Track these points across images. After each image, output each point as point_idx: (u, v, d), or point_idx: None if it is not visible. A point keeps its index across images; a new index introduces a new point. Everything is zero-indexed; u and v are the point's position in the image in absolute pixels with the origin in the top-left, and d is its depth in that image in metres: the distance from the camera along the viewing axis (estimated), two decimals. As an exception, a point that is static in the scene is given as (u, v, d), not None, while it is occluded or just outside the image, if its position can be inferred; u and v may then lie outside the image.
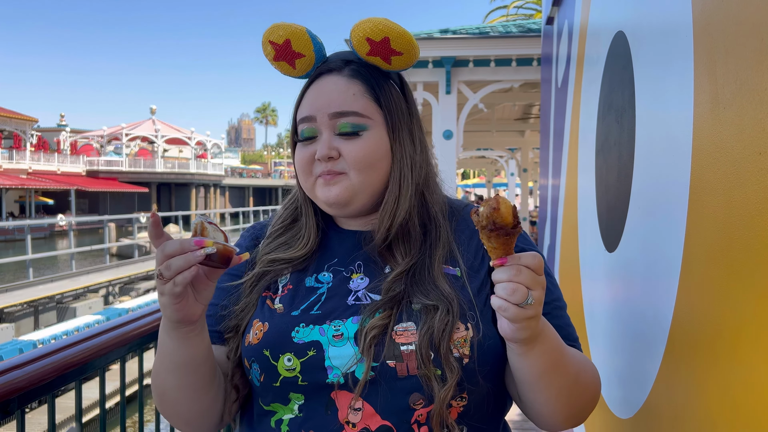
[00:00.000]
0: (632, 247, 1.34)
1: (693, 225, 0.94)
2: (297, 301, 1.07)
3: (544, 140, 3.75)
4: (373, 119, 1.10)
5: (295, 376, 1.00)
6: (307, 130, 1.11)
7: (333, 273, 1.11)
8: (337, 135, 1.09)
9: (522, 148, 15.30)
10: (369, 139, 1.09)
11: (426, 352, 0.95)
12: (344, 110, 1.08)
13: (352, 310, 1.03)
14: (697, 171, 0.92)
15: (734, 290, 0.78)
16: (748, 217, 0.73)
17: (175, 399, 1.08)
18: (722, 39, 0.83)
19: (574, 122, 2.37)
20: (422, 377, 0.95)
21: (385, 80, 1.14)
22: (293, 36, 1.12)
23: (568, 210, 2.53)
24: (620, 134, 1.47)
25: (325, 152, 1.07)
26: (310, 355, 1.00)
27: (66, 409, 5.84)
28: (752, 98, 0.73)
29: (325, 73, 1.13)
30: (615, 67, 1.56)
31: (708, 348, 0.88)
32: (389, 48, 1.10)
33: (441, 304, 0.99)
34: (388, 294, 1.02)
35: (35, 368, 1.57)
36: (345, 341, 1.00)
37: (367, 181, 1.09)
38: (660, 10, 1.15)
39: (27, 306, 13.81)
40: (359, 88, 1.11)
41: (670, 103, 1.07)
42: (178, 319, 0.96)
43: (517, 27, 7.93)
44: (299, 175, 1.14)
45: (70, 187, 39.56)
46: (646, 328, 1.18)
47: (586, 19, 2.15)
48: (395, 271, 1.05)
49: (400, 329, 0.98)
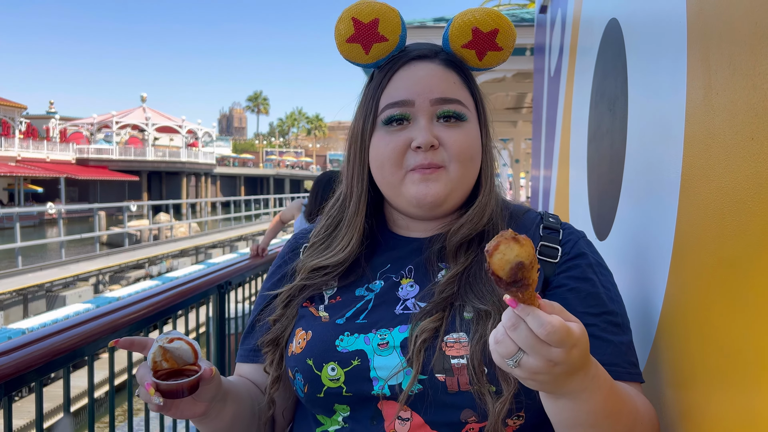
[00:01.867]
0: (623, 235, 1.34)
1: (684, 212, 0.94)
2: (343, 309, 1.02)
3: (537, 130, 3.74)
4: (470, 111, 1.04)
5: (340, 386, 0.95)
6: (400, 113, 1.01)
7: (384, 280, 1.04)
8: (437, 122, 1.01)
9: (514, 138, 15.32)
10: (470, 131, 1.03)
11: (479, 366, 0.88)
12: (448, 97, 1.01)
13: (399, 319, 0.97)
14: (689, 158, 0.92)
15: (725, 277, 0.78)
16: (740, 203, 0.73)
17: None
18: (716, 24, 0.82)
19: (567, 111, 2.37)
20: (475, 393, 0.88)
21: (472, 75, 1.09)
22: (384, 17, 1.03)
23: (560, 199, 2.53)
24: (612, 122, 1.47)
25: (427, 138, 0.98)
26: (354, 364, 0.94)
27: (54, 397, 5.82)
28: (745, 83, 0.72)
29: (416, 59, 1.04)
30: (608, 54, 1.56)
31: (698, 335, 0.88)
32: (492, 42, 1.03)
33: (494, 310, 0.91)
34: (441, 295, 0.95)
35: (23, 354, 1.57)
36: (391, 350, 0.94)
37: (466, 175, 1.02)
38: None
39: (16, 294, 13.73)
40: (456, 78, 1.04)
41: (662, 90, 1.07)
42: (182, 418, 0.97)
43: (511, 16, 7.91)
44: (383, 166, 1.02)
45: (59, 175, 39.28)
46: (636, 315, 1.19)
47: (580, 7, 2.14)
48: (449, 273, 0.98)
49: (450, 340, 0.91)
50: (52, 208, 23.70)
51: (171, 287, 2.64)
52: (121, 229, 22.93)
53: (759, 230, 0.68)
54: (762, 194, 0.67)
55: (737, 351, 0.74)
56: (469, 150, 1.02)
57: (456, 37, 1.04)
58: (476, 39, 1.03)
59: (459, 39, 1.04)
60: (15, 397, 1.59)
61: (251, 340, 1.14)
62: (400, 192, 1.02)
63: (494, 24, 1.02)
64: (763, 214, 0.67)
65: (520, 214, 1.10)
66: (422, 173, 0.99)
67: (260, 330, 1.10)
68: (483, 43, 1.04)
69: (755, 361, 0.69)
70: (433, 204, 1.01)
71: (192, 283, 2.92)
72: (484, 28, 1.02)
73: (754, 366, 0.69)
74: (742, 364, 0.73)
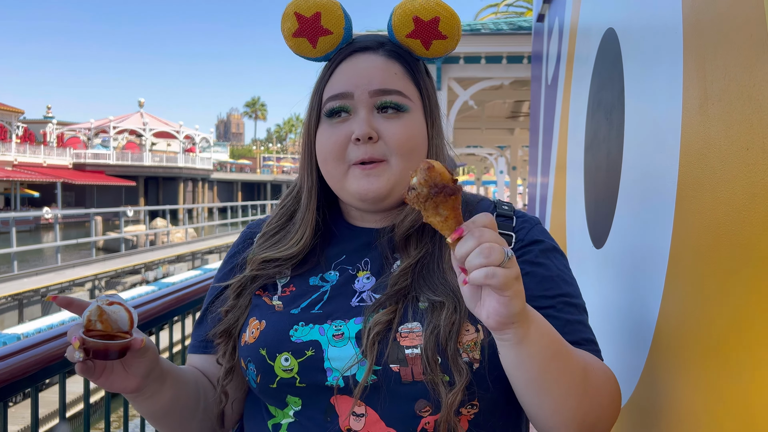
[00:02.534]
0: (620, 244, 1.35)
1: (680, 221, 0.95)
2: (298, 299, 1.01)
3: (534, 138, 3.75)
4: (413, 102, 1.04)
5: (293, 377, 0.94)
6: (339, 105, 1.01)
7: (339, 271, 1.04)
8: (377, 113, 1.01)
9: (511, 145, 15.37)
10: (411, 122, 1.02)
11: (432, 355, 0.88)
12: (387, 88, 1.01)
13: (355, 311, 0.97)
14: (685, 167, 0.93)
15: (720, 286, 0.79)
16: (735, 213, 0.74)
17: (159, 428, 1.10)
18: (711, 35, 0.83)
19: (564, 119, 2.38)
20: (428, 383, 0.89)
21: (419, 65, 1.08)
22: (325, 9, 1.03)
23: (557, 207, 2.54)
24: (609, 131, 1.47)
25: (365, 130, 0.98)
26: (308, 355, 0.94)
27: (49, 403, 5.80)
28: (740, 94, 0.73)
29: (359, 51, 1.05)
30: (605, 63, 1.57)
31: (693, 344, 0.88)
32: (435, 30, 1.03)
33: (448, 301, 0.92)
34: (394, 288, 0.96)
35: (18, 360, 1.56)
36: (346, 341, 0.94)
37: (408, 168, 0.99)
38: (650, 7, 1.16)
39: (11, 299, 13.68)
40: (399, 69, 1.04)
41: (659, 100, 1.08)
42: (113, 391, 0.94)
43: (508, 24, 7.95)
44: (327, 160, 1.03)
45: (56, 180, 39.21)
46: (633, 323, 1.19)
47: (577, 16, 2.15)
48: (403, 265, 0.98)
49: (404, 330, 0.92)
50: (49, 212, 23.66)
51: (167, 293, 2.63)
52: (118, 234, 22.87)
53: (754, 238, 0.69)
54: (756, 203, 0.68)
55: (734, 357, 0.74)
56: (409, 142, 1.01)
57: (399, 27, 1.04)
58: (419, 28, 1.03)
59: (402, 29, 1.04)
60: (9, 402, 1.58)
61: (202, 331, 1.12)
62: (343, 186, 1.03)
63: (434, 12, 1.02)
64: (757, 223, 0.68)
65: (474, 203, 1.10)
66: (363, 169, 1.00)
67: (212, 321, 1.09)
68: (426, 31, 1.03)
69: (751, 366, 0.69)
70: (376, 199, 1.01)
71: (188, 288, 2.90)
72: (425, 16, 1.02)
73: (751, 371, 0.69)
74: (739, 370, 0.73)
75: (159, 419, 1.05)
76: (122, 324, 0.88)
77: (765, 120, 0.67)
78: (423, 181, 0.74)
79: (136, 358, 0.92)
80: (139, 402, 1.00)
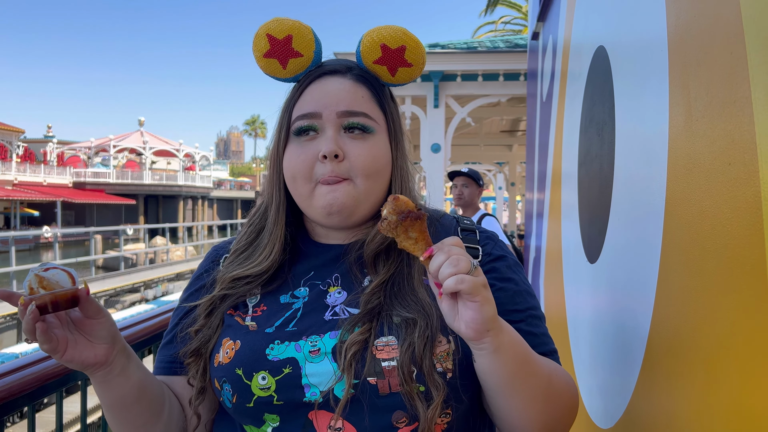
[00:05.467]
0: (612, 258, 1.36)
1: (669, 235, 0.96)
2: (271, 318, 1.02)
3: (530, 154, 3.78)
4: (379, 124, 1.07)
5: (270, 395, 0.95)
6: (308, 124, 1.04)
7: (309, 287, 1.06)
8: (343, 133, 1.04)
9: (510, 162, 15.42)
10: (375, 144, 1.05)
11: (408, 369, 0.91)
12: (354, 110, 1.05)
13: (329, 325, 0.99)
14: (673, 182, 0.94)
15: (708, 299, 0.80)
16: (719, 226, 0.75)
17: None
18: (694, 53, 0.85)
19: (558, 135, 2.40)
20: (405, 395, 0.91)
21: (385, 90, 1.12)
22: (297, 33, 1.06)
23: (553, 222, 2.55)
24: (601, 147, 1.49)
25: (332, 148, 1.01)
26: (285, 372, 0.95)
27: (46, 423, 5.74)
28: (722, 111, 0.74)
29: (328, 74, 1.08)
30: (596, 80, 1.59)
31: (684, 357, 0.89)
32: (401, 58, 1.07)
33: (420, 318, 0.94)
34: (367, 306, 0.98)
35: (15, 378, 1.56)
36: (322, 357, 0.95)
37: (372, 188, 1.05)
38: (637, 25, 1.18)
39: (10, 318, 13.64)
40: (365, 92, 1.08)
41: (647, 116, 1.09)
42: (82, 366, 0.95)
43: (505, 42, 8.03)
44: (295, 177, 1.05)
45: (56, 199, 39.26)
46: (626, 338, 1.20)
47: (569, 34, 2.18)
48: (373, 283, 1.01)
49: (380, 344, 0.94)
50: (48, 231, 23.65)
51: (166, 311, 2.64)
52: (117, 252, 22.87)
53: (738, 251, 0.70)
54: (739, 217, 0.69)
55: (724, 369, 0.75)
56: (374, 163, 1.04)
57: (367, 53, 1.08)
58: (386, 55, 1.07)
59: (370, 55, 1.08)
60: (7, 423, 1.58)
61: (167, 352, 1.12)
62: (310, 203, 1.05)
63: (401, 41, 1.06)
64: (740, 237, 0.69)
65: (438, 218, 1.14)
66: (328, 184, 1.03)
67: (181, 341, 1.08)
68: (392, 59, 1.07)
69: (741, 378, 0.70)
70: (341, 213, 1.03)
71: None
72: (392, 44, 1.06)
73: (741, 383, 0.70)
74: (726, 378, 0.74)
75: (127, 408, 1.02)
76: (64, 283, 0.91)
77: (745, 135, 0.68)
78: (391, 210, 0.84)
79: (93, 318, 0.95)
80: (109, 381, 0.98)
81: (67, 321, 0.95)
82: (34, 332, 0.89)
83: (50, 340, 0.90)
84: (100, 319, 0.96)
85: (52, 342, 0.91)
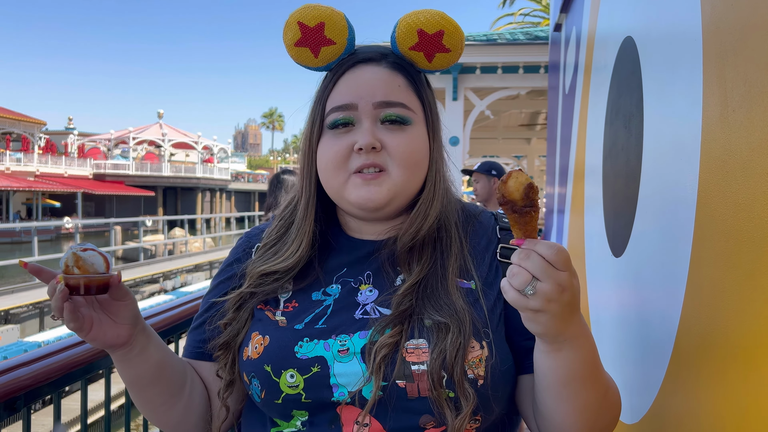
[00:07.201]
0: (639, 252, 1.34)
1: (700, 228, 0.94)
2: (301, 314, 1.01)
3: (551, 147, 3.74)
4: (416, 114, 1.03)
5: (298, 393, 0.94)
6: (343, 117, 1.01)
7: (341, 284, 1.04)
8: (380, 125, 1.01)
9: (528, 155, 15.32)
10: (414, 135, 1.02)
11: (438, 375, 0.89)
12: (391, 100, 1.01)
13: (359, 324, 0.97)
14: (706, 174, 0.92)
15: (742, 294, 0.78)
16: (757, 219, 0.73)
17: (143, 411, 1.09)
18: (731, 41, 0.83)
19: (582, 128, 2.37)
20: (433, 400, 0.90)
21: (421, 77, 1.08)
22: (329, 20, 1.02)
23: (575, 216, 2.53)
24: (628, 139, 1.47)
25: (369, 140, 0.98)
26: (314, 371, 0.94)
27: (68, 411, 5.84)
28: (761, 100, 0.73)
29: (362, 62, 1.04)
30: (623, 72, 1.57)
31: (715, 353, 0.87)
32: (439, 43, 1.03)
33: (453, 323, 0.92)
34: (399, 308, 0.95)
35: (41, 366, 1.58)
36: (351, 357, 0.94)
37: (409, 180, 1.01)
38: (669, 14, 1.16)
39: (33, 307, 13.86)
40: (402, 81, 1.04)
41: (678, 107, 1.07)
42: (105, 345, 0.97)
43: (525, 34, 7.95)
44: (327, 169, 1.02)
45: (76, 190, 39.79)
46: (653, 333, 1.18)
47: (595, 25, 2.15)
48: (406, 284, 0.98)
49: (410, 346, 0.92)
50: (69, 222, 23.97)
51: (185, 301, 2.66)
52: (137, 243, 23.12)
53: (776, 246, 0.68)
54: (779, 210, 0.68)
55: (757, 365, 0.74)
56: (412, 155, 1.01)
57: (403, 39, 1.03)
58: (422, 41, 1.03)
59: (406, 41, 1.03)
60: (31, 408, 1.60)
61: (197, 337, 1.11)
62: (342, 195, 1.02)
63: (439, 25, 1.01)
64: (780, 230, 0.67)
65: (477, 214, 1.10)
66: (364, 178, 0.99)
67: (210, 332, 1.08)
68: (430, 44, 1.03)
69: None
70: (375, 208, 1.01)
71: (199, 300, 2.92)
72: (429, 29, 1.01)
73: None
74: (762, 377, 0.72)
75: (146, 387, 1.03)
76: (99, 267, 0.92)
77: (786, 125, 0.66)
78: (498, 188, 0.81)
79: (119, 301, 0.96)
80: (129, 359, 1.00)
81: (93, 300, 0.96)
82: (61, 310, 0.90)
83: (77, 319, 0.91)
84: (126, 301, 0.97)
85: (78, 321, 0.92)
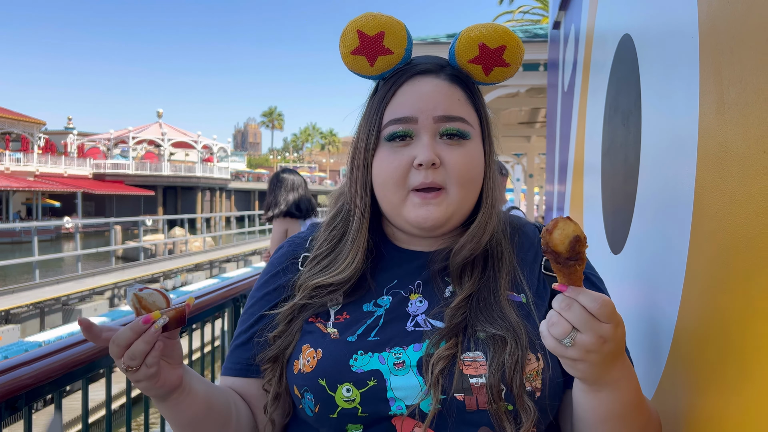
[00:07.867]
0: (637, 249, 1.34)
1: (698, 225, 0.94)
2: (353, 326, 0.99)
3: (551, 145, 3.75)
4: (474, 129, 1.02)
5: (355, 407, 0.93)
6: (403, 130, 0.99)
7: (392, 295, 1.03)
8: (439, 139, 0.99)
9: (528, 153, 15.31)
10: (472, 150, 1.01)
11: (497, 388, 0.89)
12: (452, 114, 1.00)
13: (412, 336, 0.96)
14: (702, 171, 0.93)
15: (739, 290, 0.78)
16: (753, 216, 0.74)
17: None
18: (727, 40, 0.83)
19: (581, 126, 2.37)
20: (492, 413, 0.89)
21: (477, 90, 1.07)
22: (390, 30, 1.01)
23: (574, 213, 2.53)
24: (626, 137, 1.47)
25: (429, 156, 0.96)
26: (370, 385, 0.92)
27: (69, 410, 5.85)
28: (756, 98, 0.73)
29: (420, 74, 1.02)
30: (621, 69, 1.57)
31: (713, 349, 0.88)
32: (500, 58, 1.02)
33: (509, 336, 0.92)
34: (453, 321, 0.95)
35: (42, 365, 1.59)
36: (407, 370, 0.93)
37: (466, 197, 1.00)
38: (667, 12, 1.16)
39: (33, 307, 13.85)
40: (461, 94, 1.03)
41: (676, 105, 1.08)
42: (164, 393, 0.93)
43: (524, 32, 7.94)
44: (386, 184, 1.00)
45: (76, 190, 39.77)
46: (651, 329, 1.18)
47: (593, 23, 2.15)
48: (459, 297, 0.98)
49: (467, 359, 0.92)
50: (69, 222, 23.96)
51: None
52: (137, 243, 23.08)
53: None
54: (775, 207, 0.68)
55: (754, 361, 0.74)
56: (470, 172, 1.00)
57: (463, 52, 1.02)
58: (483, 54, 1.02)
59: (466, 54, 1.02)
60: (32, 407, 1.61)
61: (243, 354, 1.08)
62: (400, 212, 1.01)
63: (501, 40, 1.01)
64: (776, 227, 0.68)
65: (521, 226, 1.10)
66: (423, 198, 0.98)
67: (258, 345, 1.05)
68: (490, 58, 1.02)
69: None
70: (433, 228, 1.00)
71: (207, 296, 2.93)
72: (492, 44, 1.01)
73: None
74: (760, 373, 0.73)
75: (201, 424, 1.00)
76: (160, 303, 0.91)
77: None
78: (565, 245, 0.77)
79: (173, 344, 0.93)
80: (182, 401, 0.96)
81: None
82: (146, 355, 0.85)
83: (156, 364, 0.87)
84: (177, 339, 0.94)
85: (153, 375, 0.88)
